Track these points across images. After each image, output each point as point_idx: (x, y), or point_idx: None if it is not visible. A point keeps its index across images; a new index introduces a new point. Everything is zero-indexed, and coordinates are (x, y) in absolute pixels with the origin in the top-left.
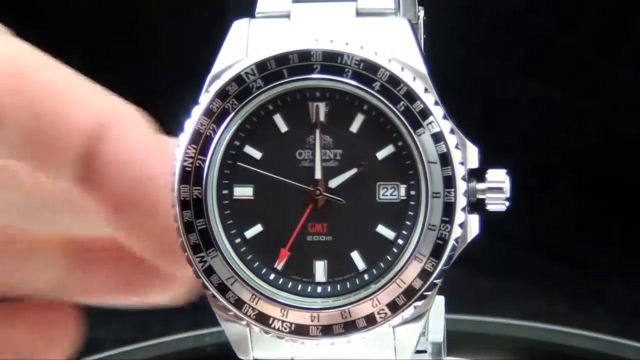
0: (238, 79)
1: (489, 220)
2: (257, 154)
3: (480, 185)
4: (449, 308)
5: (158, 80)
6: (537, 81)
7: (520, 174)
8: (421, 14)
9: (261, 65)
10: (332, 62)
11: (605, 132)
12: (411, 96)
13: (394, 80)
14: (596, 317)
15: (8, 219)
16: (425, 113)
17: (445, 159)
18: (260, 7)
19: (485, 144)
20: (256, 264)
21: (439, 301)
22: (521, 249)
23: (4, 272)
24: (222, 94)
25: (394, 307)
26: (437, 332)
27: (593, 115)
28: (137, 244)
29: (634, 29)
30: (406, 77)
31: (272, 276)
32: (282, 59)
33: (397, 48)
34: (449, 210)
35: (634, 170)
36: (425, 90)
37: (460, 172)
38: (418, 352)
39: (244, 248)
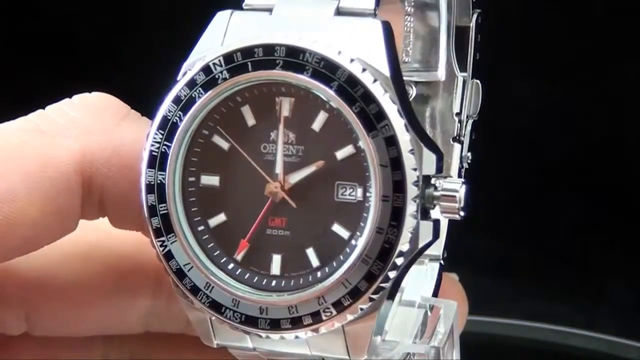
0: (206, 69)
1: (490, 220)
2: (224, 145)
3: (436, 193)
4: None
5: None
6: (538, 81)
7: (522, 174)
8: (474, 17)
9: (228, 57)
10: (294, 58)
11: (606, 131)
12: (368, 98)
13: (352, 81)
14: (598, 317)
15: None
16: (381, 116)
17: (396, 163)
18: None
19: (485, 144)
20: (217, 253)
21: (451, 306)
22: (521, 249)
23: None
24: (190, 83)
25: (339, 306)
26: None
27: (594, 115)
28: None
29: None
30: (365, 78)
31: (230, 266)
32: (247, 51)
33: (365, 49)
34: (397, 214)
35: (634, 170)
36: (384, 92)
37: (411, 177)
38: None
39: (207, 236)
